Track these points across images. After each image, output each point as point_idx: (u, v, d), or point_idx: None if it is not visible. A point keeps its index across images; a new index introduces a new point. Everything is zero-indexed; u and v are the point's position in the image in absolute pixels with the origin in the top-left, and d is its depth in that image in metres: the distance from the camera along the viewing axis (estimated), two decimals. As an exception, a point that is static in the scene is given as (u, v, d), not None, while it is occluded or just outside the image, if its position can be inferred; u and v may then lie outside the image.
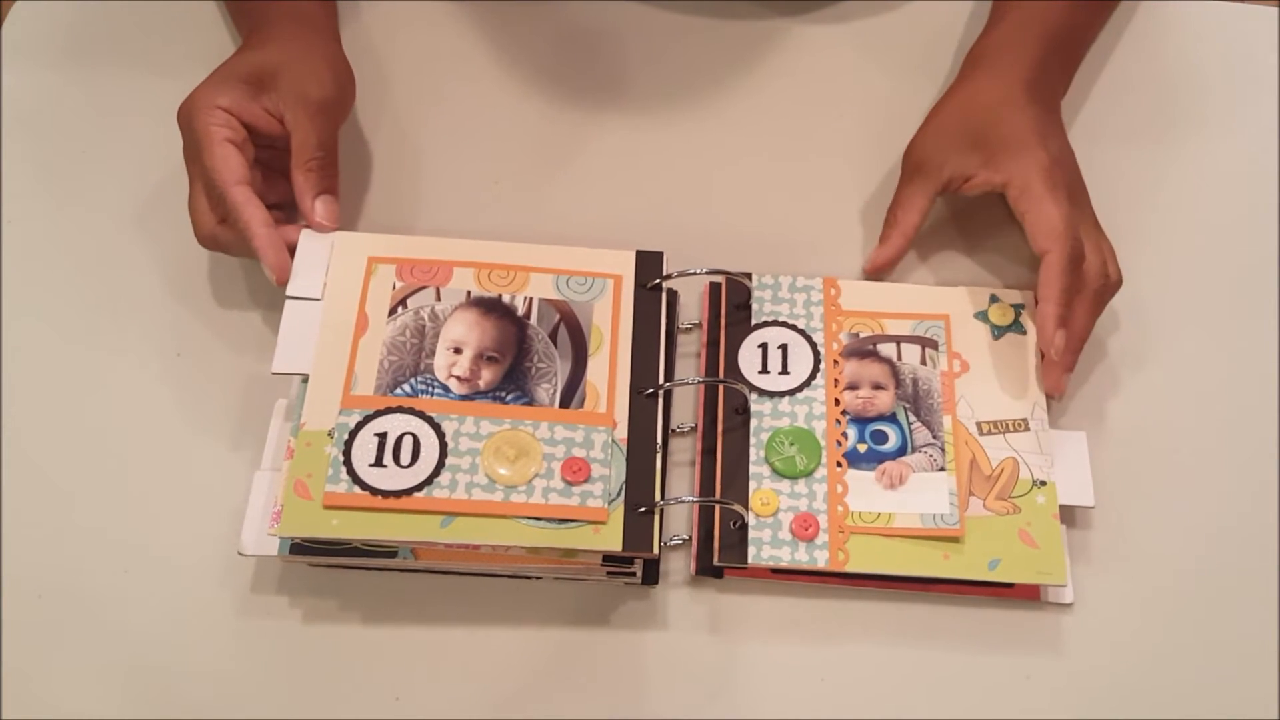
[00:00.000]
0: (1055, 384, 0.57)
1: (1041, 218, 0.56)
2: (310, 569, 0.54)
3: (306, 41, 0.60)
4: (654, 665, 0.53)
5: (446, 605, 0.54)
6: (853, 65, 0.70)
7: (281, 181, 0.58)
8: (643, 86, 0.69)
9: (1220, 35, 0.71)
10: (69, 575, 0.54)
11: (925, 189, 0.60)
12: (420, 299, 0.56)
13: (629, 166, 0.66)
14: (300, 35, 0.60)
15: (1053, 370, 0.57)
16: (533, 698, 0.52)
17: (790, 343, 0.58)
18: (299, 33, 0.61)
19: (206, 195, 0.56)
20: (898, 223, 0.61)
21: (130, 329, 0.59)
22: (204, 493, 0.55)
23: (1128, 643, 0.54)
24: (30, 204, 0.63)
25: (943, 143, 0.60)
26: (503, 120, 0.67)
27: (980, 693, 0.52)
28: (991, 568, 0.52)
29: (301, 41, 0.60)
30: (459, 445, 0.52)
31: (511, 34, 0.70)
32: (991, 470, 0.55)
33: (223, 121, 0.56)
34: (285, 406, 0.56)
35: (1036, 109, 0.60)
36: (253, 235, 0.55)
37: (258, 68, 0.57)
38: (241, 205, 0.55)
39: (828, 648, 0.53)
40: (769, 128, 0.67)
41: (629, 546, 0.50)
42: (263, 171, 0.59)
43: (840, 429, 0.56)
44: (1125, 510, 0.56)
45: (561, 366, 0.55)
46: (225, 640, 0.52)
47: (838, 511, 0.53)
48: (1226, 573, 0.55)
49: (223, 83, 0.57)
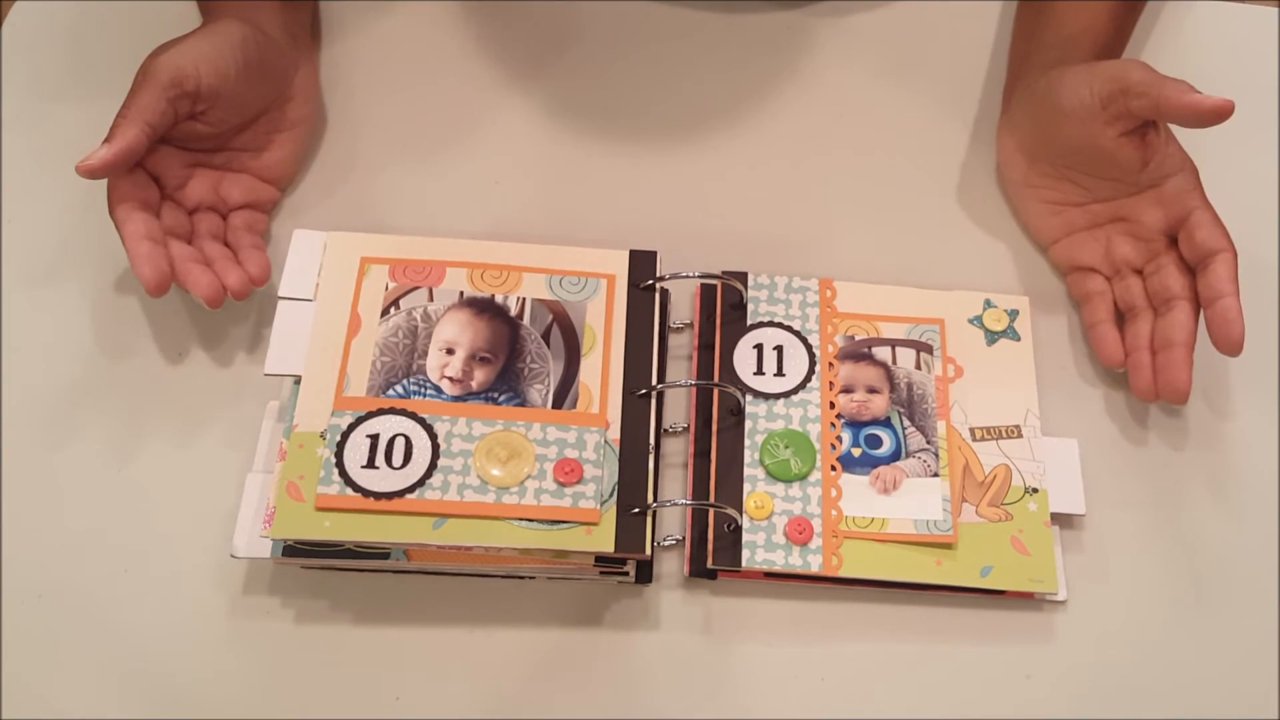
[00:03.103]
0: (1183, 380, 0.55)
1: (1213, 215, 0.56)
2: (303, 570, 0.54)
3: (210, 27, 0.59)
4: (649, 666, 0.53)
5: (439, 606, 0.54)
6: (852, 64, 0.69)
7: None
8: (639, 86, 0.68)
9: (1220, 35, 0.70)
10: (69, 575, 0.54)
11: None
12: (413, 299, 0.56)
13: (624, 166, 0.65)
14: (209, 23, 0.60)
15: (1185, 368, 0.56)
16: (528, 698, 0.52)
17: (786, 344, 0.58)
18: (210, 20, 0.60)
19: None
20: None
21: (128, 329, 0.59)
22: (197, 494, 0.55)
23: (1124, 639, 0.54)
24: (30, 204, 0.63)
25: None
26: (499, 120, 0.67)
27: (978, 691, 0.52)
28: (984, 574, 0.52)
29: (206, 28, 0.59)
30: (451, 446, 0.52)
31: (507, 34, 0.70)
32: (984, 476, 0.55)
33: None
34: (277, 408, 0.56)
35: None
36: (127, 250, 0.55)
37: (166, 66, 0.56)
38: (119, 223, 0.55)
39: (823, 648, 0.53)
40: (767, 127, 0.67)
41: (621, 548, 0.50)
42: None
43: (835, 432, 0.55)
44: (1121, 510, 0.56)
45: (554, 367, 0.55)
46: (220, 641, 0.52)
47: (831, 516, 0.53)
48: (1224, 571, 0.55)
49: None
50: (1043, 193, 0.61)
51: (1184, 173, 0.57)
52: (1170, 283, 0.57)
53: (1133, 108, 0.54)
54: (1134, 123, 0.56)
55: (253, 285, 0.57)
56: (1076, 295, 0.61)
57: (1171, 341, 0.56)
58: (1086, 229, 0.60)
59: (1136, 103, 0.54)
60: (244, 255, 0.58)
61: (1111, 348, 0.58)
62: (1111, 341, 0.58)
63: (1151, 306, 0.58)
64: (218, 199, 0.60)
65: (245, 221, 0.60)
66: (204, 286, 0.55)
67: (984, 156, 0.66)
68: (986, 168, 0.65)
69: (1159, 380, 0.56)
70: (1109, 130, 0.56)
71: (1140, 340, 0.57)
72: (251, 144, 0.61)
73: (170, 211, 0.58)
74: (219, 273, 0.56)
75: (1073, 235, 0.61)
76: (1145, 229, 0.58)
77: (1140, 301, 0.58)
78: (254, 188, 0.61)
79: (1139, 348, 0.57)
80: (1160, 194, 0.57)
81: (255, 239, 0.59)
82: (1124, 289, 0.59)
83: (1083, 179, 0.60)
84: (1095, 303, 0.59)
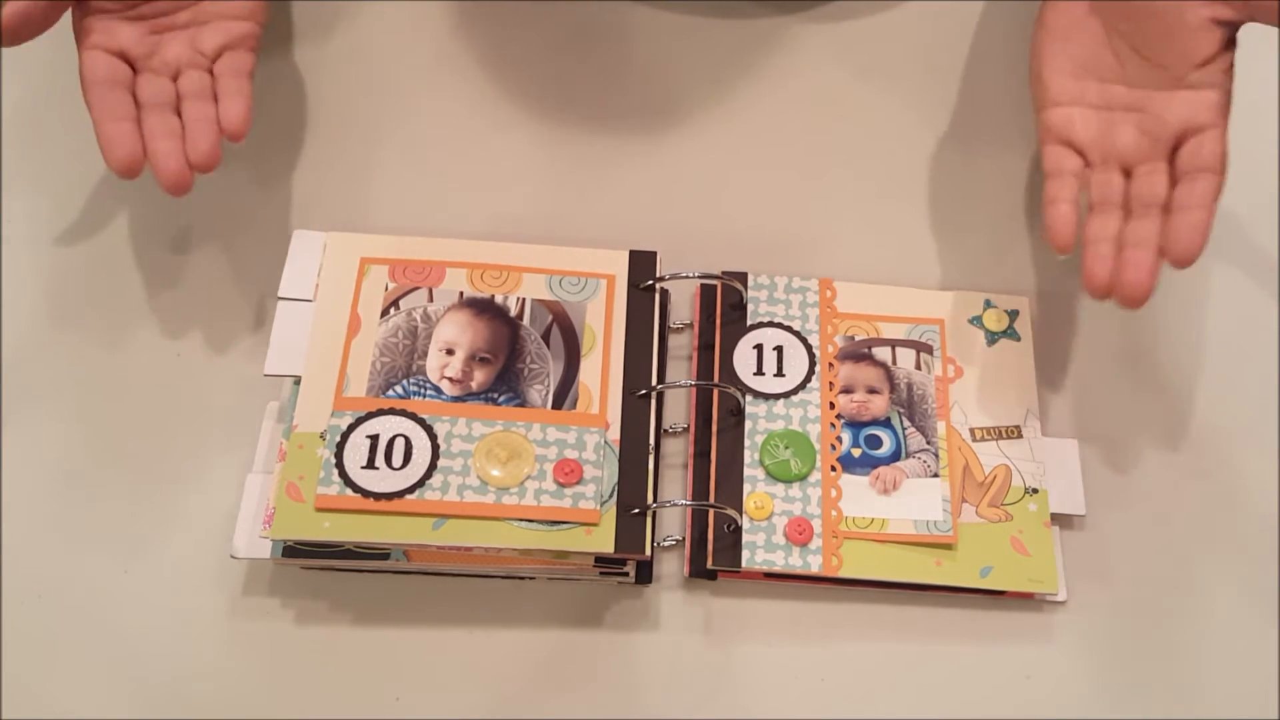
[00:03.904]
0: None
1: (1226, 143, 0.54)
2: (303, 571, 0.54)
3: None
4: (649, 666, 0.53)
5: (439, 606, 0.54)
6: (852, 65, 0.69)
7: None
8: (638, 86, 0.68)
9: (1222, 35, 0.70)
10: (68, 575, 0.54)
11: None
12: (413, 300, 0.56)
13: (625, 166, 0.65)
14: None
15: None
16: (528, 698, 0.52)
17: (785, 344, 0.58)
18: None
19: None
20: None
21: (127, 330, 0.59)
22: (197, 494, 0.55)
23: (1124, 640, 0.54)
24: (30, 204, 0.63)
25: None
26: (499, 120, 0.67)
27: (978, 691, 0.53)
28: (983, 575, 0.52)
29: None
30: (451, 447, 0.52)
31: (507, 34, 0.70)
32: (984, 477, 0.55)
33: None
34: (277, 408, 0.56)
35: None
36: (98, 131, 0.54)
37: None
38: (88, 107, 0.55)
39: (823, 649, 0.53)
40: (766, 127, 0.67)
41: (621, 548, 0.50)
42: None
43: (835, 433, 0.55)
44: (1121, 510, 0.56)
45: (554, 367, 0.55)
46: (220, 641, 0.52)
47: (831, 516, 0.53)
48: (1224, 571, 0.55)
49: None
50: (1078, 48, 0.57)
51: (1224, 92, 0.54)
52: (1160, 190, 0.54)
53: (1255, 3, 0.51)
54: (1236, 17, 0.53)
55: (232, 139, 0.55)
56: (1049, 167, 0.56)
57: (1144, 242, 0.52)
58: (1095, 107, 0.57)
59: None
60: (224, 104, 0.56)
61: (1068, 228, 0.53)
62: (1070, 223, 0.54)
63: (1125, 209, 0.54)
64: (195, 54, 0.58)
65: (228, 66, 0.58)
66: (168, 172, 0.53)
67: (985, 156, 0.66)
68: (987, 168, 0.65)
69: (1121, 276, 0.51)
70: (1205, 9, 0.53)
71: (1105, 232, 0.53)
72: None
73: (149, 82, 0.56)
74: (192, 138, 0.55)
75: (1078, 106, 0.57)
76: (1161, 125, 0.55)
77: (1116, 199, 0.54)
78: (226, 29, 0.58)
79: (1103, 239, 0.53)
80: (1194, 97, 0.54)
81: (238, 83, 0.57)
82: (1103, 182, 0.54)
83: (1129, 54, 0.56)
84: (1067, 180, 0.55)
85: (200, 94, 0.56)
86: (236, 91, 0.56)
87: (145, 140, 0.54)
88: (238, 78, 0.57)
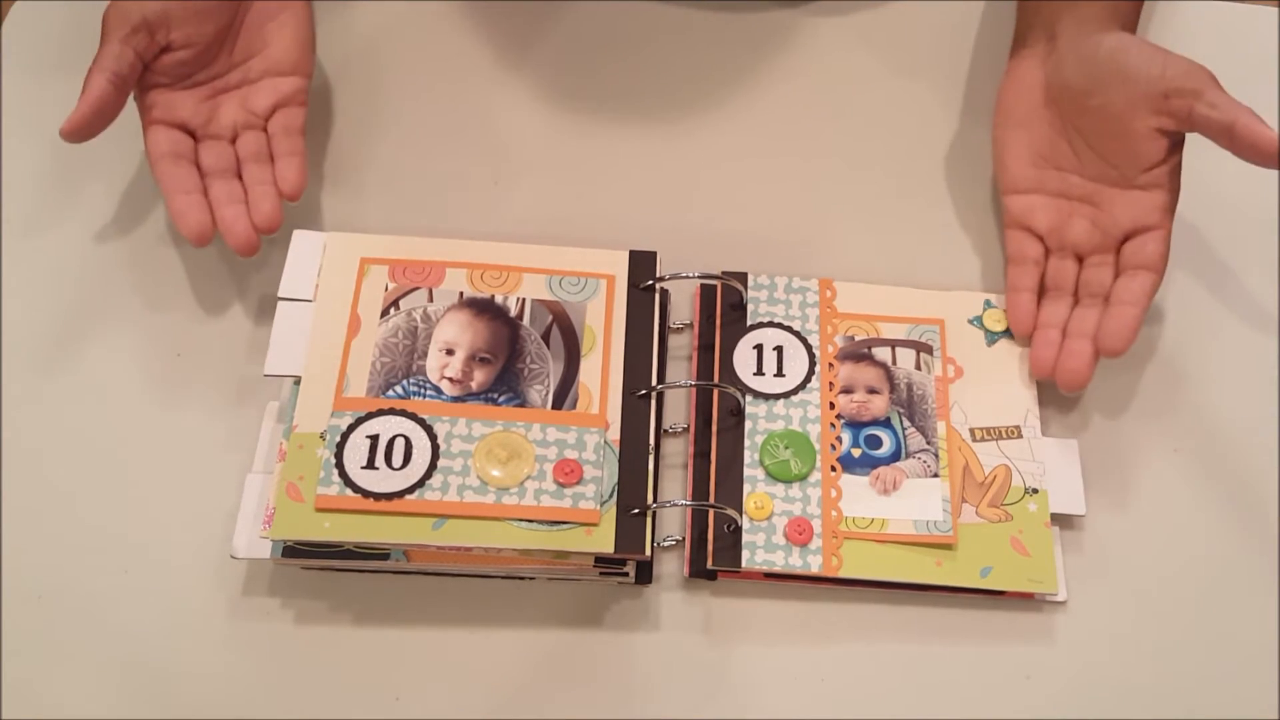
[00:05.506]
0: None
1: (1168, 244, 0.57)
2: (303, 571, 0.54)
3: None
4: (649, 666, 0.53)
5: (439, 607, 0.54)
6: (852, 64, 0.69)
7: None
8: (638, 85, 0.68)
9: (1220, 35, 0.70)
10: (68, 576, 0.54)
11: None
12: (413, 300, 0.56)
13: (625, 166, 0.65)
14: None
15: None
16: (528, 698, 0.52)
17: (785, 345, 0.58)
18: None
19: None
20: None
21: (127, 330, 0.59)
22: (197, 494, 0.55)
23: (1123, 639, 0.54)
24: (30, 204, 0.63)
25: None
26: (498, 120, 0.67)
27: (978, 692, 0.52)
28: (983, 575, 0.52)
29: None
30: (451, 447, 0.52)
31: (507, 34, 0.70)
32: (984, 477, 0.55)
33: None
34: (277, 408, 0.56)
35: None
36: (169, 205, 0.57)
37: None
38: (157, 182, 0.57)
39: (823, 649, 0.53)
40: (766, 126, 0.67)
41: (621, 548, 0.50)
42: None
43: (835, 433, 0.55)
44: (1121, 510, 0.56)
45: (554, 367, 0.55)
46: (220, 641, 0.52)
47: (831, 516, 0.53)
48: (1224, 571, 0.55)
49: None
50: (1036, 137, 0.60)
51: (1170, 193, 0.57)
52: (1106, 280, 0.58)
53: (1198, 114, 0.54)
54: (1181, 126, 0.55)
55: (289, 200, 0.58)
56: (1011, 253, 0.60)
57: (1085, 333, 0.56)
58: (1054, 195, 0.60)
59: (1206, 112, 0.53)
60: (279, 167, 0.59)
61: (1026, 318, 0.58)
62: (1029, 313, 0.58)
63: (1074, 296, 0.58)
64: (249, 115, 0.60)
65: (280, 125, 0.60)
66: (237, 238, 0.56)
67: (985, 156, 0.66)
68: (987, 168, 0.65)
69: (1061, 363, 0.56)
70: (1151, 119, 0.55)
71: (1055, 319, 0.58)
72: (251, 47, 0.61)
73: (210, 149, 0.59)
74: (255, 202, 0.57)
75: (1038, 194, 0.60)
76: (1112, 222, 0.58)
77: (1068, 286, 0.58)
78: (276, 86, 0.60)
79: (1052, 325, 0.57)
80: (1140, 198, 0.57)
81: (290, 141, 0.59)
82: (1058, 269, 0.59)
83: (1084, 148, 0.59)
84: (1028, 269, 0.59)
85: (258, 156, 0.59)
86: (290, 151, 0.59)
87: (213, 207, 0.57)
88: (290, 136, 0.60)
